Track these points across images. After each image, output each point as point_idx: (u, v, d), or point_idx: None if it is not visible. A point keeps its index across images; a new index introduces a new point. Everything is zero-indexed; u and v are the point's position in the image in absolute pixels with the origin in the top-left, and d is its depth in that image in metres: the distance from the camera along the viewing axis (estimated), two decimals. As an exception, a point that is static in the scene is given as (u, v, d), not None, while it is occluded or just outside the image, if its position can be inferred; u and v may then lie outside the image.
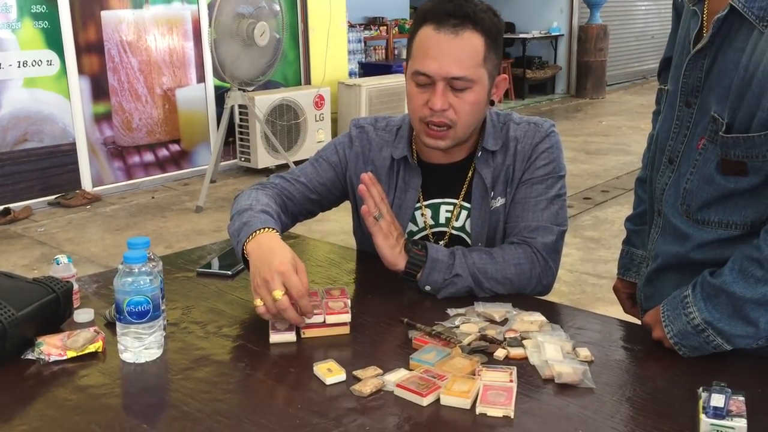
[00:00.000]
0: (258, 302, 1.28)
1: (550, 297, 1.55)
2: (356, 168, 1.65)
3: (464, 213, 1.61)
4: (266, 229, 1.40)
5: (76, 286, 1.42)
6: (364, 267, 1.71)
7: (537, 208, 1.54)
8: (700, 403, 1.04)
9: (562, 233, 1.56)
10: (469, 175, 1.60)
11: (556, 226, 1.54)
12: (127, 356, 1.23)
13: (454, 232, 1.62)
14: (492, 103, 1.56)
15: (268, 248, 1.34)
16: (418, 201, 1.62)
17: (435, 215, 1.63)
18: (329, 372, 1.16)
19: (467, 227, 1.61)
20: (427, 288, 1.47)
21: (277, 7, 5.46)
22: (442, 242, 1.61)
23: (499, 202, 1.58)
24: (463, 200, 1.61)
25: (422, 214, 1.63)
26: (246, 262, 1.40)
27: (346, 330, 1.32)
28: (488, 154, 1.58)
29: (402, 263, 1.48)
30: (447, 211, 1.62)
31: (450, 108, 1.46)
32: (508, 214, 1.58)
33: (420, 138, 1.54)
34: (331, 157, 1.68)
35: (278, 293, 1.26)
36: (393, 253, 1.48)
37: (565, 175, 1.60)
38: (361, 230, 1.71)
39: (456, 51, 1.43)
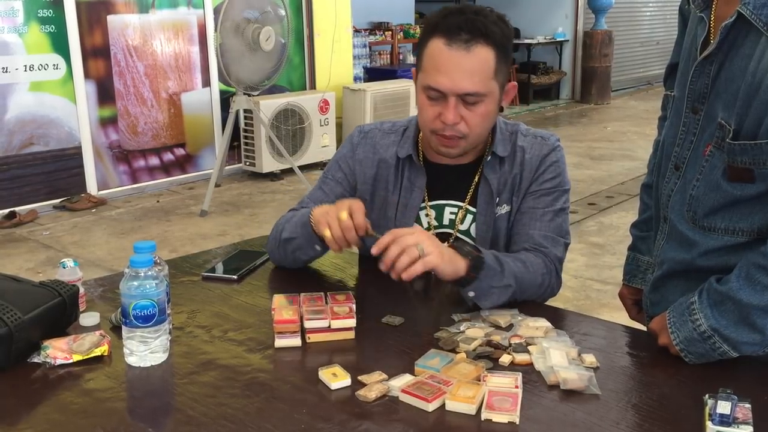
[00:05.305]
0: (327, 232, 1.42)
1: (554, 303, 1.55)
2: (363, 174, 1.67)
3: (470, 217, 1.62)
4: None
5: (82, 290, 1.42)
6: (369, 272, 1.71)
7: (544, 219, 1.56)
8: (706, 410, 1.03)
9: (567, 246, 1.59)
10: (476, 179, 1.61)
11: (561, 238, 1.57)
12: (133, 360, 1.23)
13: (459, 235, 1.63)
14: (501, 109, 1.56)
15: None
16: (423, 201, 1.63)
17: (439, 216, 1.64)
18: (334, 377, 1.16)
19: (472, 231, 1.61)
20: (471, 294, 1.40)
21: (283, 12, 5.47)
22: (445, 244, 1.61)
23: (504, 209, 1.59)
24: (469, 204, 1.61)
25: (426, 215, 1.64)
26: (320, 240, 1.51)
27: (351, 335, 1.32)
28: (497, 159, 1.59)
29: (463, 266, 1.38)
30: (451, 213, 1.63)
31: (461, 121, 1.46)
32: (514, 223, 1.59)
33: (432, 145, 1.56)
34: (337, 174, 1.69)
35: (344, 214, 1.41)
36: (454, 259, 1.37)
37: (569, 189, 1.62)
38: (362, 240, 1.72)
39: (468, 67, 1.42)
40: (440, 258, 1.34)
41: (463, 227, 1.62)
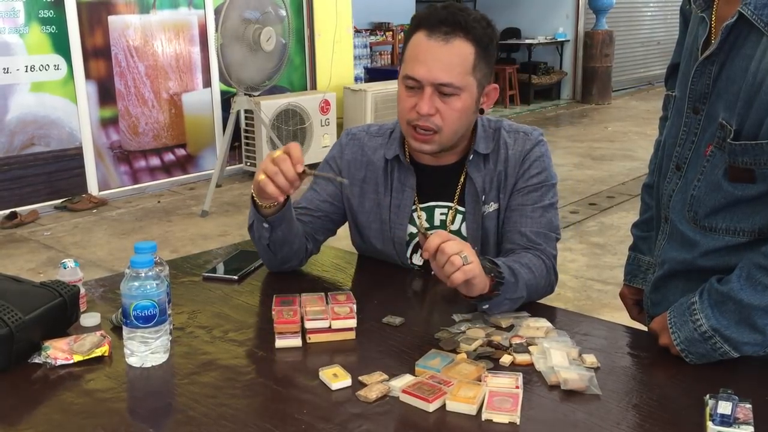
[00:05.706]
0: (260, 176, 1.37)
1: (555, 303, 1.55)
2: (351, 175, 1.67)
3: (459, 217, 1.62)
4: None
5: (82, 290, 1.42)
6: (370, 272, 1.71)
7: (534, 215, 1.56)
8: (707, 410, 1.03)
9: (557, 240, 1.59)
10: (462, 179, 1.61)
11: (553, 233, 1.57)
12: (134, 360, 1.23)
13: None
14: (482, 111, 1.57)
15: None
16: (414, 203, 1.63)
17: (430, 218, 1.64)
18: (335, 377, 1.16)
19: (463, 231, 1.62)
20: (485, 307, 1.38)
21: (284, 13, 5.47)
22: None
23: (492, 207, 1.59)
24: (457, 204, 1.62)
25: (418, 217, 1.64)
26: (260, 207, 1.49)
27: (351, 335, 1.32)
28: (480, 157, 1.59)
29: (488, 283, 1.33)
30: (441, 213, 1.64)
31: (437, 113, 1.47)
32: (504, 221, 1.59)
33: (407, 140, 1.57)
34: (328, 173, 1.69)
35: (277, 152, 1.37)
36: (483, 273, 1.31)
37: (556, 183, 1.62)
38: (360, 239, 1.72)
39: (445, 57, 1.44)
40: (479, 269, 1.29)
41: (454, 227, 1.63)
